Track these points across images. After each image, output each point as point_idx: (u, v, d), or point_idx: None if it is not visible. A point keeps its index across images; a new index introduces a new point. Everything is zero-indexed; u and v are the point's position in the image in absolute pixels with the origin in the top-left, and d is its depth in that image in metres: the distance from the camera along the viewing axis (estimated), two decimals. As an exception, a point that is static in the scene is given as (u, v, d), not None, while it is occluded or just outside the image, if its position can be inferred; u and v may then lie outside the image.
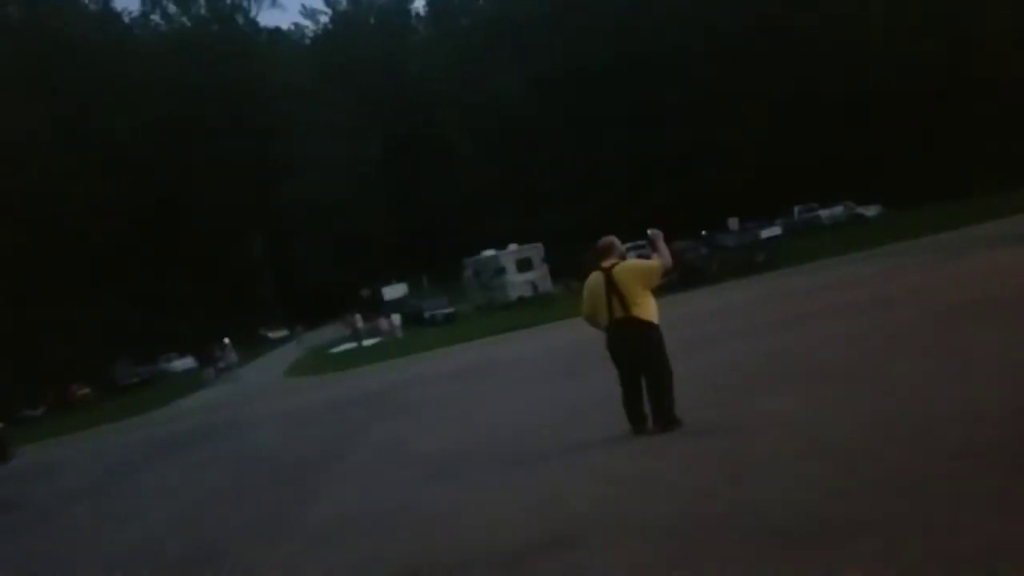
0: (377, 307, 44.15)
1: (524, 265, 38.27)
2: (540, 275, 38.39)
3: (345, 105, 65.07)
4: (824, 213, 41.38)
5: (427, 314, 38.01)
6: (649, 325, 6.55)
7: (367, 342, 33.83)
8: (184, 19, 65.26)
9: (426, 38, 78.94)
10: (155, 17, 65.24)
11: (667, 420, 6.47)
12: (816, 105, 45.90)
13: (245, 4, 67.22)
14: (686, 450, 5.90)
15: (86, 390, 41.83)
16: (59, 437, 23.96)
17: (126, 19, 64.38)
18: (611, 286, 6.58)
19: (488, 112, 58.54)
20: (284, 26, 76.05)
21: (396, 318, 37.27)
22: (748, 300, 17.98)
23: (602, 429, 6.98)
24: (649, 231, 6.96)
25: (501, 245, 39.07)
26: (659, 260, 6.72)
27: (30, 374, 38.37)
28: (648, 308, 6.59)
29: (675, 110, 49.71)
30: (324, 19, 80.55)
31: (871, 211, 39.74)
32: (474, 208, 57.63)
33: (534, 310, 30.52)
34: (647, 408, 6.61)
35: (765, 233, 39.79)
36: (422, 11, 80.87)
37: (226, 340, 35.02)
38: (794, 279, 20.66)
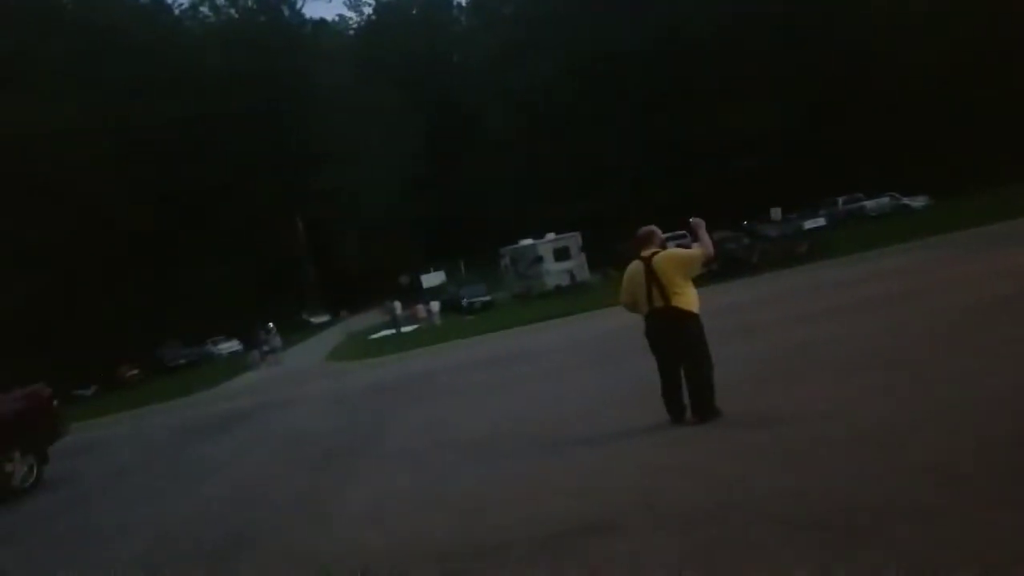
0: (416, 294, 44.58)
1: (562, 254, 38.16)
2: (578, 264, 38.24)
3: (387, 95, 65.71)
4: (869, 204, 40.53)
5: (465, 302, 38.19)
6: (689, 315, 6.54)
7: (405, 328, 34.12)
8: (232, 11, 66.40)
9: (467, 28, 78.98)
10: (204, 9, 66.67)
11: (706, 411, 6.48)
12: (862, 92, 44.92)
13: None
14: (724, 440, 5.92)
15: (135, 371, 43.06)
16: (108, 416, 24.69)
17: (176, 11, 65.90)
18: (651, 275, 6.58)
19: (528, 101, 58.52)
20: (329, 18, 76.99)
21: (435, 305, 37.51)
22: (789, 290, 17.74)
23: (641, 418, 7.01)
24: (691, 220, 6.94)
25: (539, 233, 39.04)
26: (700, 249, 6.69)
27: (81, 354, 39.62)
28: (689, 298, 6.57)
29: (717, 97, 49.04)
30: (368, 10, 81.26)
31: (918, 202, 38.79)
32: (512, 196, 57.78)
33: (572, 299, 30.45)
34: (686, 398, 6.63)
35: (809, 224, 39.10)
36: (464, 2, 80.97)
37: (270, 324, 35.66)
38: (837, 270, 20.29)
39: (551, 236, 38.58)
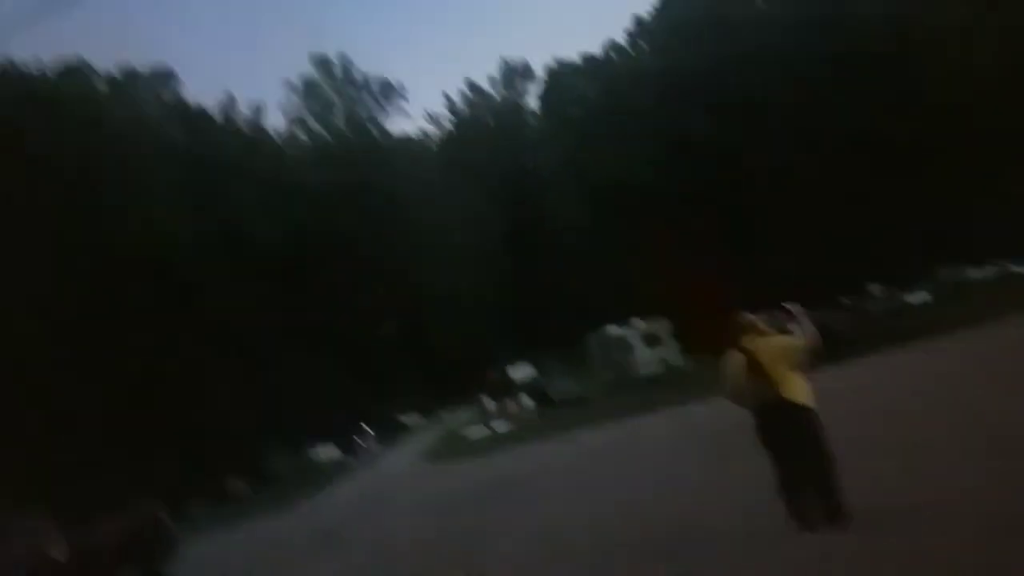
0: (505, 389, 44.47)
1: (652, 341, 37.50)
2: (669, 351, 37.46)
3: (469, 197, 68.81)
4: (975, 274, 38.29)
5: (555, 394, 37.74)
6: (802, 407, 6.23)
7: (499, 425, 33.92)
8: (325, 133, 71.65)
9: (539, 132, 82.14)
10: (300, 133, 72.00)
11: (833, 513, 6.04)
12: (956, 153, 43.47)
13: (377, 116, 73.36)
14: (857, 550, 5.49)
15: (240, 482, 43.96)
16: (217, 532, 25.12)
17: (275, 137, 71.34)
18: (754, 366, 6.36)
19: (601, 192, 59.87)
20: (412, 132, 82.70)
21: (525, 399, 37.23)
22: (902, 372, 16.78)
23: (760, 522, 6.64)
24: (788, 305, 6.74)
25: (625, 320, 38.64)
26: (803, 337, 6.46)
27: (191, 467, 41.01)
28: (798, 388, 6.27)
29: (797, 171, 48.57)
30: (447, 124, 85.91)
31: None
32: (596, 284, 58.15)
33: (667, 388, 29.67)
34: (809, 500, 6.21)
35: (912, 299, 37.19)
36: (536, 109, 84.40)
37: (365, 427, 36.25)
38: (948, 348, 19.10)
39: (638, 322, 38.07)
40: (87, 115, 51.33)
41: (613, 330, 38.42)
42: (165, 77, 62.26)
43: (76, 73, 56.06)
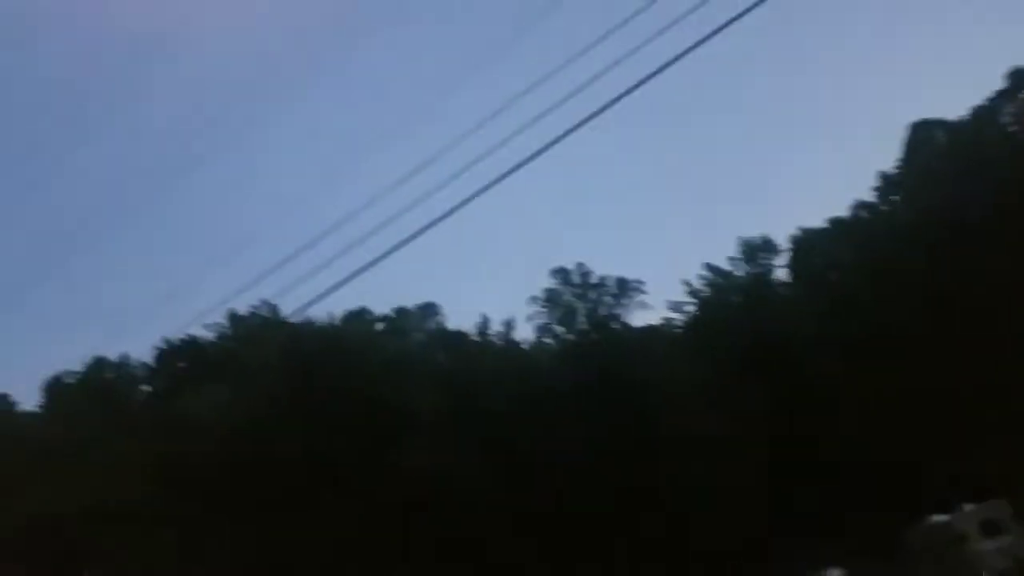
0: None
1: (990, 528, 31.30)
2: (1016, 539, 30.85)
3: (719, 378, 66.22)
4: None
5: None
6: None
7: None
8: (570, 336, 74.23)
9: (791, 300, 78.55)
10: (546, 339, 75.43)
11: None
12: None
13: (617, 312, 75.00)
14: None
15: None
16: None
17: (525, 346, 75.21)
18: None
19: (871, 347, 54.37)
20: (654, 321, 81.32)
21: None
22: None
23: None
24: None
25: (948, 504, 32.93)
26: None
27: None
28: None
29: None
30: (690, 308, 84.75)
31: None
32: (891, 459, 50.99)
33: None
34: None
35: None
36: (783, 277, 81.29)
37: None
38: None
39: (969, 507, 32.24)
40: (366, 353, 59.08)
41: (938, 520, 32.69)
42: (429, 310, 70.40)
43: (358, 318, 65.51)
